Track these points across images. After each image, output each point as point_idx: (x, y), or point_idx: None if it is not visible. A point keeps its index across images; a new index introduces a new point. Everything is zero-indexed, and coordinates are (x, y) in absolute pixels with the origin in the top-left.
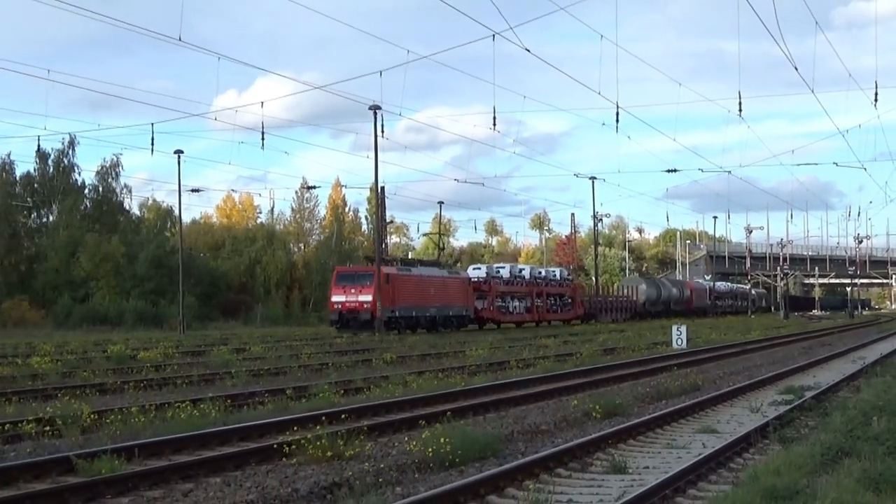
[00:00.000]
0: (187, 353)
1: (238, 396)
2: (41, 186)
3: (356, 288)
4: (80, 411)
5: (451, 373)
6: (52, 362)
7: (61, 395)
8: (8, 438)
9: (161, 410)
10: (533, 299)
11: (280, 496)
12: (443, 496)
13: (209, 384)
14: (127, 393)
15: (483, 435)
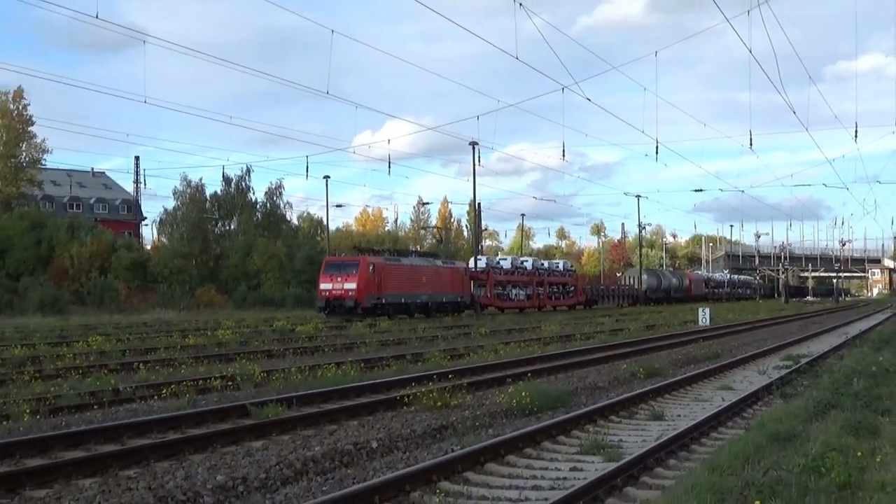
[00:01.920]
0: (332, 328)
1: (370, 360)
2: (225, 203)
3: (342, 276)
4: (253, 371)
5: (531, 343)
6: (233, 334)
7: (239, 359)
8: (200, 390)
9: (313, 370)
10: (534, 288)
11: (402, 435)
12: (524, 436)
13: (349, 351)
14: (287, 357)
15: (554, 390)
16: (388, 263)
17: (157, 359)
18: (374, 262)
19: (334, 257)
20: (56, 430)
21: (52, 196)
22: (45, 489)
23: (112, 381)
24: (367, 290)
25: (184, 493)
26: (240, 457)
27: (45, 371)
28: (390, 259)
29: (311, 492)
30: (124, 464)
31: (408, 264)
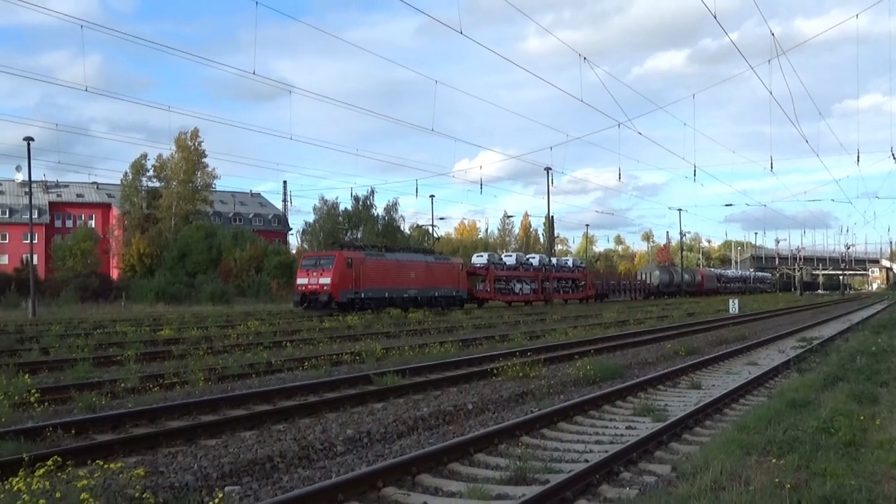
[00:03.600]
0: (437, 315)
1: (466, 340)
2: (353, 217)
3: (317, 271)
4: (374, 348)
5: (593, 327)
6: (359, 319)
7: (364, 339)
8: (334, 363)
9: (422, 348)
10: (540, 282)
11: (491, 399)
12: (588, 401)
13: (450, 332)
14: (401, 337)
15: (612, 364)
16: (368, 258)
17: (300, 338)
18: (352, 257)
19: (311, 253)
20: (223, 393)
21: (220, 212)
22: (216, 439)
23: (265, 356)
24: (343, 284)
25: (321, 443)
26: (365, 415)
27: (215, 348)
28: (371, 254)
29: (420, 443)
30: (275, 420)
31: (393, 259)
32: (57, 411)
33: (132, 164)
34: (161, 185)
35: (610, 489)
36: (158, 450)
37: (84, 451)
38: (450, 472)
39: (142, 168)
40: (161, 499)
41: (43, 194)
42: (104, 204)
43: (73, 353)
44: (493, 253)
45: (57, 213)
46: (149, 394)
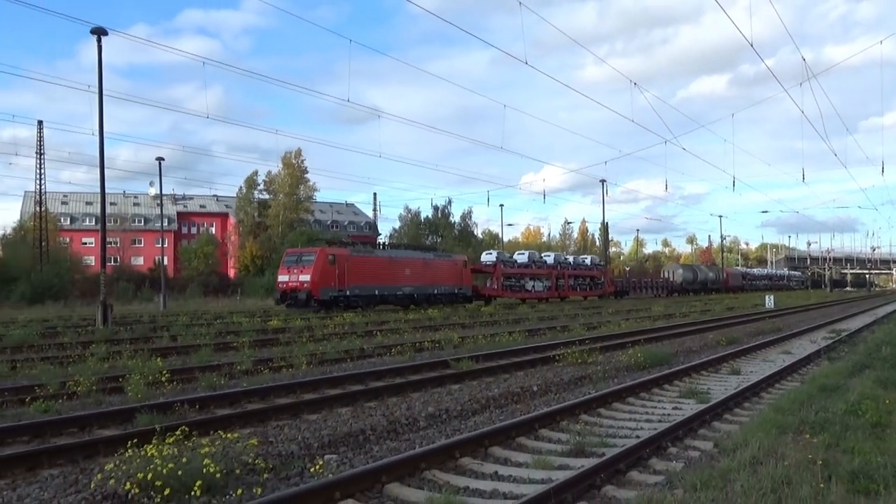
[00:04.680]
0: (506, 308)
1: (532, 330)
2: (433, 224)
3: (298, 268)
4: (452, 337)
5: (643, 319)
6: (438, 312)
7: (443, 329)
8: (417, 350)
9: (493, 337)
10: (554, 280)
11: (553, 382)
12: (639, 385)
13: (517, 323)
14: (475, 328)
15: (661, 352)
16: (354, 255)
17: (388, 328)
18: (335, 253)
19: (294, 249)
20: (323, 375)
21: (320, 220)
22: (316, 414)
23: (358, 343)
24: (323, 282)
25: (406, 419)
26: (444, 395)
27: (316, 336)
28: (358, 251)
29: (491, 420)
30: (367, 398)
31: (384, 256)
32: (184, 389)
33: (246, 179)
34: (270, 197)
35: (659, 462)
36: (268, 423)
37: (206, 424)
38: (517, 445)
39: (254, 183)
40: (270, 465)
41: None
42: (222, 213)
43: (196, 340)
44: (503, 252)
45: (184, 222)
46: (260, 375)
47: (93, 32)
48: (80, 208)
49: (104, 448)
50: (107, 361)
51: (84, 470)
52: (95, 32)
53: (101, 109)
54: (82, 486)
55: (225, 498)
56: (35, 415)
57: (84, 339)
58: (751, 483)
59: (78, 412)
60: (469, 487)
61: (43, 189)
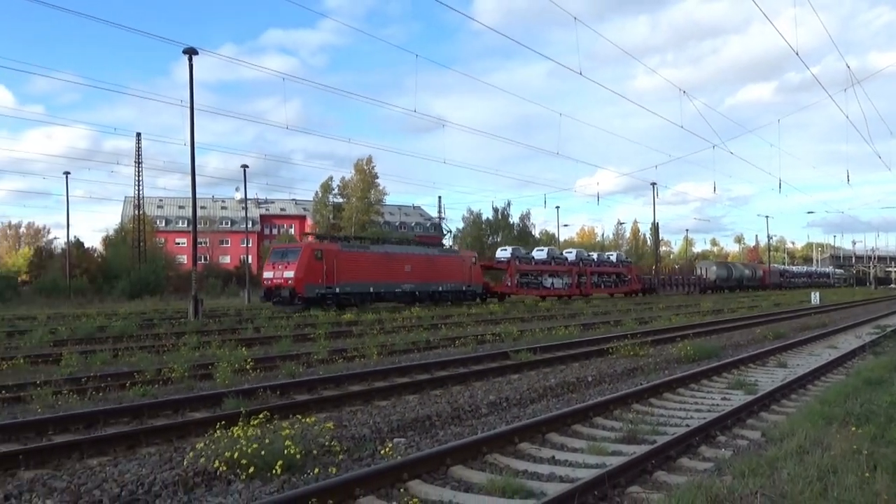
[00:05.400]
0: (562, 304)
1: (586, 324)
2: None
3: (283, 264)
4: (511, 330)
5: (693, 314)
6: (499, 307)
7: (503, 322)
8: (479, 342)
9: (550, 330)
10: (574, 277)
11: (607, 373)
12: (689, 376)
13: (573, 318)
14: (533, 321)
15: (710, 346)
16: (344, 250)
17: (452, 322)
18: (323, 248)
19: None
20: (392, 364)
21: (389, 221)
22: (386, 401)
23: (425, 336)
24: (309, 278)
25: (469, 406)
26: (504, 384)
27: (386, 328)
28: (349, 246)
29: (548, 408)
30: (433, 386)
31: (379, 252)
32: (266, 376)
33: (322, 184)
34: (343, 201)
35: (708, 450)
36: (342, 408)
37: (286, 408)
38: (573, 432)
39: (329, 187)
40: (345, 447)
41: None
42: (300, 216)
43: (277, 332)
44: (518, 248)
45: (266, 224)
46: (335, 364)
47: (185, 52)
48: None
49: (195, 429)
50: (197, 350)
51: (178, 448)
52: (187, 52)
53: (193, 122)
54: (176, 463)
55: (303, 476)
56: (134, 398)
57: (177, 330)
58: (797, 471)
59: (172, 396)
60: (528, 471)
61: (141, 195)
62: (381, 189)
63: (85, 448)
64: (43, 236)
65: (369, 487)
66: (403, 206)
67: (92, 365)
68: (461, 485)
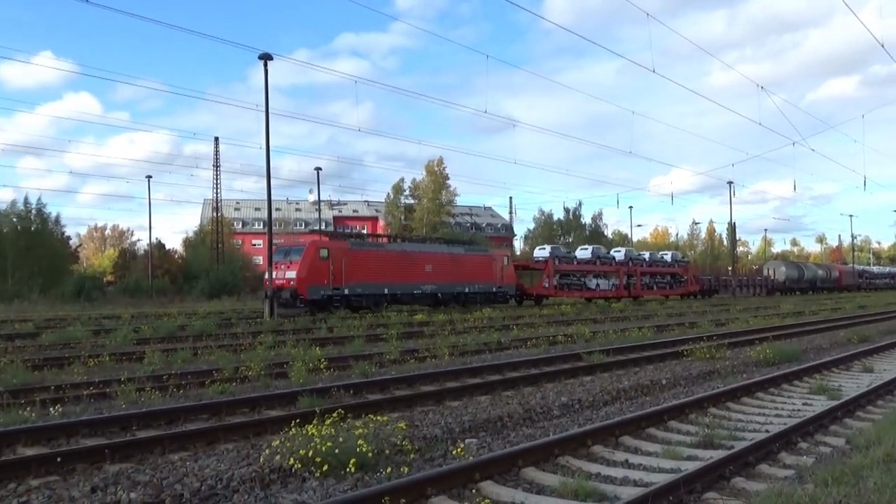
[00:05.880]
0: (637, 305)
1: (660, 326)
2: (565, 225)
3: (285, 264)
4: (583, 331)
5: (772, 316)
6: (571, 308)
7: (575, 324)
8: (551, 343)
9: (623, 332)
10: (621, 278)
11: (682, 375)
12: (768, 380)
13: (646, 319)
14: (606, 323)
15: (790, 349)
16: (354, 248)
17: (523, 323)
18: (330, 246)
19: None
20: (463, 365)
21: (460, 222)
22: (457, 401)
23: (496, 336)
24: (312, 279)
25: (541, 408)
26: (576, 386)
27: (457, 329)
28: (359, 244)
29: (622, 410)
30: (504, 387)
31: (395, 250)
32: (339, 376)
33: (393, 185)
34: (415, 202)
35: (788, 456)
36: (414, 408)
37: (359, 407)
38: (647, 436)
39: (400, 189)
40: (416, 446)
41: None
42: (373, 217)
43: (350, 332)
44: (558, 246)
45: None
46: (407, 364)
47: (260, 58)
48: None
49: (271, 426)
50: (273, 350)
51: (254, 445)
52: (263, 58)
53: (268, 126)
54: (253, 460)
55: (376, 475)
56: (213, 395)
57: (254, 329)
58: (885, 480)
59: (249, 394)
60: (601, 474)
61: (219, 197)
62: (452, 190)
63: (167, 443)
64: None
65: (441, 487)
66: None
67: (173, 363)
68: (533, 487)
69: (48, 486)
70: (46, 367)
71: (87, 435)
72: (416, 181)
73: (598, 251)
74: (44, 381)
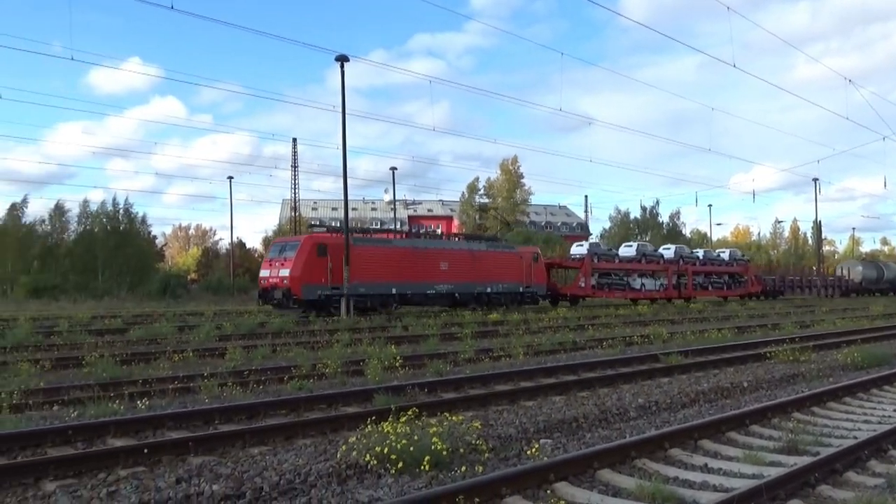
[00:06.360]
0: (715, 306)
1: (741, 327)
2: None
3: (280, 261)
4: (661, 332)
5: (860, 318)
6: (648, 308)
7: (652, 324)
8: (627, 344)
9: (702, 333)
10: (670, 277)
11: (764, 378)
12: (856, 385)
13: (727, 320)
14: (684, 323)
15: (880, 352)
16: (357, 245)
17: (599, 323)
18: (328, 242)
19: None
20: (538, 365)
21: (535, 221)
22: (532, 401)
23: (571, 336)
24: (308, 277)
25: (617, 409)
26: (653, 388)
27: (532, 328)
28: (364, 240)
29: (700, 413)
30: (579, 388)
31: (404, 246)
32: (414, 374)
33: (468, 185)
34: (489, 201)
35: (879, 464)
36: (488, 407)
37: (434, 406)
38: (727, 440)
39: (475, 188)
40: (491, 446)
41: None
42: (447, 216)
43: (425, 331)
44: (598, 243)
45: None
46: (481, 363)
47: (337, 59)
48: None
49: (348, 423)
50: (349, 347)
51: (331, 441)
52: (339, 59)
53: (344, 126)
54: (330, 455)
55: (450, 474)
56: (291, 391)
57: (331, 327)
58: None
59: (326, 391)
60: (678, 478)
61: (297, 197)
62: (527, 189)
63: (247, 437)
64: (209, 238)
65: (515, 487)
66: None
67: (253, 359)
68: (609, 489)
69: (136, 477)
70: (134, 361)
71: (172, 427)
72: (491, 180)
73: (643, 248)
74: (132, 375)
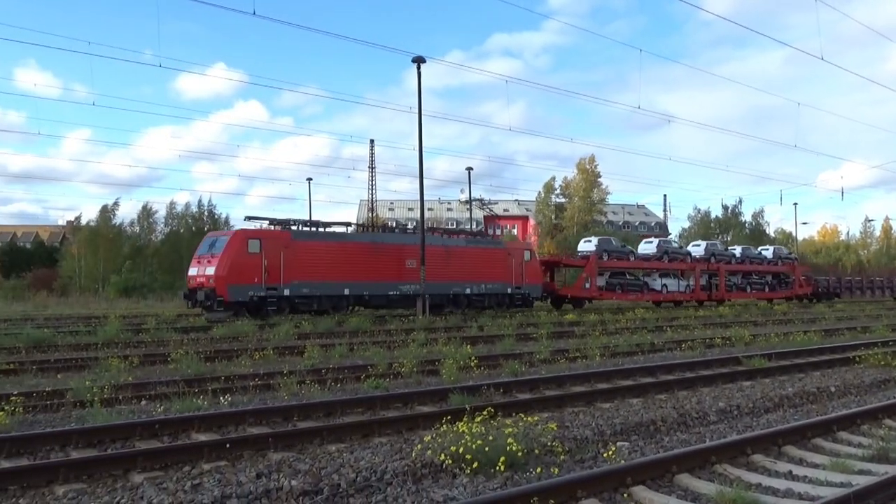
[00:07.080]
0: (801, 307)
1: (829, 329)
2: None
3: (207, 258)
4: (743, 334)
5: None
6: (729, 309)
7: (733, 326)
8: (707, 346)
9: (786, 335)
10: (698, 277)
11: (853, 383)
12: None
13: (813, 322)
14: (767, 325)
15: None
16: (299, 240)
17: (676, 324)
18: (263, 237)
19: (214, 232)
20: (615, 366)
21: (612, 221)
22: (608, 403)
23: (649, 338)
24: (235, 277)
25: (696, 413)
26: (734, 391)
27: (608, 330)
28: (306, 234)
29: (785, 419)
30: (657, 391)
31: (360, 241)
32: (489, 374)
33: (544, 184)
34: (566, 201)
35: None
36: (564, 409)
37: (509, 406)
38: (813, 446)
39: (551, 188)
40: (566, 447)
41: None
42: (523, 216)
43: (500, 331)
44: (610, 238)
45: (490, 224)
46: (557, 364)
47: (414, 61)
48: (403, 213)
49: (423, 422)
50: (425, 347)
51: (407, 440)
52: (416, 61)
53: (421, 127)
54: (405, 454)
55: (525, 474)
56: (368, 390)
57: (407, 327)
58: None
59: (402, 390)
60: (761, 485)
61: (374, 198)
62: (604, 188)
63: (325, 434)
64: None
65: (591, 490)
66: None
67: (331, 357)
68: (687, 494)
69: (218, 471)
70: (217, 359)
71: (253, 423)
72: (568, 180)
73: (666, 245)
74: (215, 372)
